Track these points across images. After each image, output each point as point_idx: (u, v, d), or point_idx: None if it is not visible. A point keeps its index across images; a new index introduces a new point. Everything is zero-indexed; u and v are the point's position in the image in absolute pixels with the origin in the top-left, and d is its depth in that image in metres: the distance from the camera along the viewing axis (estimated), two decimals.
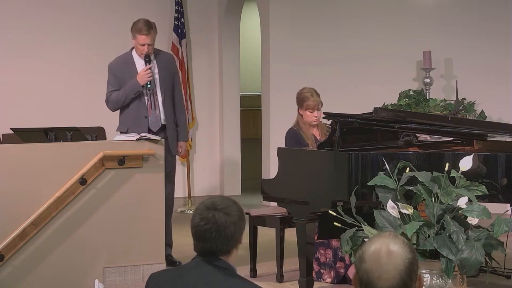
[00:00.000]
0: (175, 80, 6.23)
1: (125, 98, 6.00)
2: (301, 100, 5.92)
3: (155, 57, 6.11)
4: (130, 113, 6.04)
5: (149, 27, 5.97)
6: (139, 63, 6.05)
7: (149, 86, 5.99)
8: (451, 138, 5.72)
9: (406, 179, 4.65)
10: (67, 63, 8.51)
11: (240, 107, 9.61)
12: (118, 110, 6.11)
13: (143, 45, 5.96)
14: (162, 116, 6.07)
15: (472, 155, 4.68)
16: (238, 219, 2.70)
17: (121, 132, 6.03)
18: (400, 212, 4.50)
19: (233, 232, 2.69)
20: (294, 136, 5.86)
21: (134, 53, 6.08)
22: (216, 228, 2.67)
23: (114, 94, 6.03)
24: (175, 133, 6.14)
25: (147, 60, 5.99)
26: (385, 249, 2.16)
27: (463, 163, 4.58)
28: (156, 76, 6.07)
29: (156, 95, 6.06)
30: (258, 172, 8.94)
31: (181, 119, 6.22)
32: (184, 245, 6.17)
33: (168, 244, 6.03)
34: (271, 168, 8.39)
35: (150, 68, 5.98)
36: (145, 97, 6.03)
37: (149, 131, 5.93)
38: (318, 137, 5.91)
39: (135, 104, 6.03)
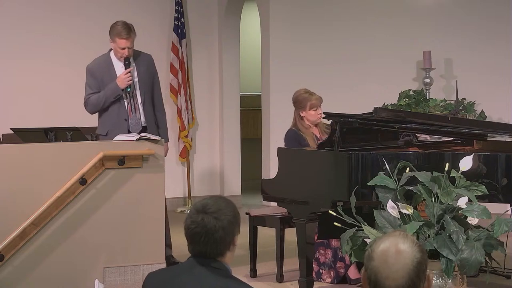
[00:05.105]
0: (155, 81, 6.17)
1: (105, 102, 5.95)
2: (302, 101, 5.90)
3: (134, 59, 6.04)
4: (110, 116, 5.99)
5: (128, 30, 5.90)
6: (118, 66, 5.98)
7: (129, 89, 5.93)
8: (451, 138, 5.72)
9: (406, 179, 4.65)
10: (67, 63, 8.51)
11: (240, 107, 9.61)
12: (97, 113, 6.07)
13: (123, 48, 5.90)
14: (143, 118, 6.03)
15: (472, 155, 4.68)
16: (228, 223, 2.67)
17: (101, 135, 6.01)
18: (400, 212, 4.50)
19: (223, 236, 2.66)
20: (294, 136, 5.86)
21: (112, 55, 6.01)
22: (205, 232, 2.66)
23: (93, 97, 5.97)
24: (157, 135, 6.07)
25: (127, 63, 5.93)
26: (394, 248, 2.15)
27: (463, 163, 4.58)
28: (136, 79, 6.01)
29: (136, 97, 6.02)
30: (258, 172, 8.94)
31: (162, 120, 6.18)
32: (185, 245, 6.16)
33: (168, 244, 6.03)
34: (271, 168, 8.39)
35: (130, 72, 5.92)
36: (125, 100, 5.98)
37: (129, 133, 5.88)
38: (318, 135, 5.91)
39: (115, 107, 5.98)
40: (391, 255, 2.14)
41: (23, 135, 5.69)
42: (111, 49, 6.02)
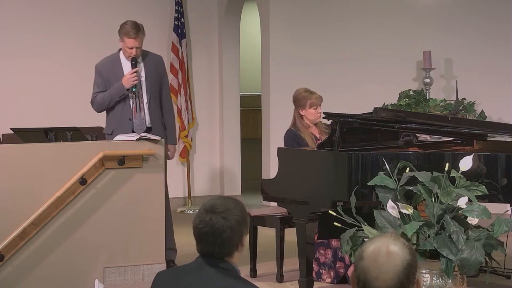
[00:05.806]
0: (163, 82, 6.13)
1: (110, 101, 5.93)
2: (302, 99, 5.90)
3: (143, 59, 6.02)
4: (115, 115, 5.97)
5: (137, 30, 5.88)
6: (126, 65, 5.97)
7: (134, 89, 5.90)
8: (451, 138, 5.72)
9: (406, 179, 4.65)
10: (67, 63, 8.51)
11: (240, 107, 9.61)
12: (105, 112, 6.06)
13: (131, 48, 5.88)
14: (147, 118, 5.99)
15: (472, 155, 4.68)
16: (236, 224, 2.67)
17: (107, 134, 6.00)
18: (400, 212, 4.50)
19: (230, 236, 2.66)
20: (293, 137, 5.86)
21: (121, 54, 6.00)
22: (212, 232, 2.65)
23: (99, 95, 5.96)
24: (163, 136, 6.04)
25: (134, 63, 5.91)
26: (385, 249, 2.15)
27: (463, 163, 4.58)
28: (143, 79, 5.98)
29: (142, 97, 5.99)
30: (258, 172, 8.94)
31: (170, 122, 6.14)
32: (185, 245, 6.17)
33: (171, 248, 5.95)
34: (271, 168, 8.39)
35: (136, 72, 5.90)
36: (130, 100, 5.95)
37: (129, 133, 5.85)
38: (318, 135, 5.91)
39: (120, 107, 5.96)
40: (381, 255, 2.14)
41: (23, 135, 5.69)
42: (120, 49, 6.02)
